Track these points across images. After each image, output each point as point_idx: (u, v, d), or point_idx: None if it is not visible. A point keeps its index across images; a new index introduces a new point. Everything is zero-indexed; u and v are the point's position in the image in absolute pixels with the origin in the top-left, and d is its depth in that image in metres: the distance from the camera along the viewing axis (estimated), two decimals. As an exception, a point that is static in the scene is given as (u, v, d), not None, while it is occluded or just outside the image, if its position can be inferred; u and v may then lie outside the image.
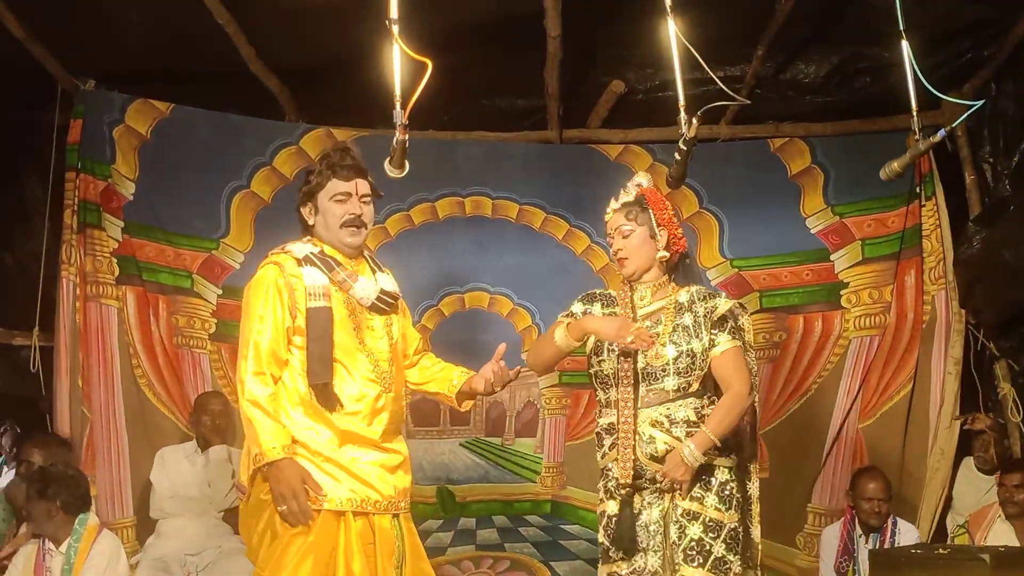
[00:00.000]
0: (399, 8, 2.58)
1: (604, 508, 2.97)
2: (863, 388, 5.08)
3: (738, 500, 2.89)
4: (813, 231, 5.27)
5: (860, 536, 4.45)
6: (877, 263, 5.19)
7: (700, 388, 2.91)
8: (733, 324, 2.93)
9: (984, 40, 4.87)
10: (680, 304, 2.94)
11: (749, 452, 3.04)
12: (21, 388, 4.99)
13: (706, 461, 2.82)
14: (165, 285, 4.95)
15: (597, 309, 3.03)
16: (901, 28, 2.82)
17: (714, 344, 2.89)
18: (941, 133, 2.80)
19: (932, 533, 4.83)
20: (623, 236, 2.99)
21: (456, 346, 5.08)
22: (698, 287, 3.01)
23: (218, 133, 5.12)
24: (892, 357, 5.08)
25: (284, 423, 2.76)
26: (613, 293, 3.09)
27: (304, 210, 2.99)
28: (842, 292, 5.21)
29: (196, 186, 5.07)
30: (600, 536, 2.98)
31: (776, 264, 5.27)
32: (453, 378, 3.07)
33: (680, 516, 2.83)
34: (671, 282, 3.03)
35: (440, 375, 3.11)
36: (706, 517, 2.82)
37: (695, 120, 2.68)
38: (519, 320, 5.28)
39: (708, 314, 2.91)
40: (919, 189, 5.18)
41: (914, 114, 2.81)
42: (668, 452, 2.83)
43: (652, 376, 2.89)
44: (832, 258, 5.23)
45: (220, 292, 4.99)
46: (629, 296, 3.01)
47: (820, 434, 5.09)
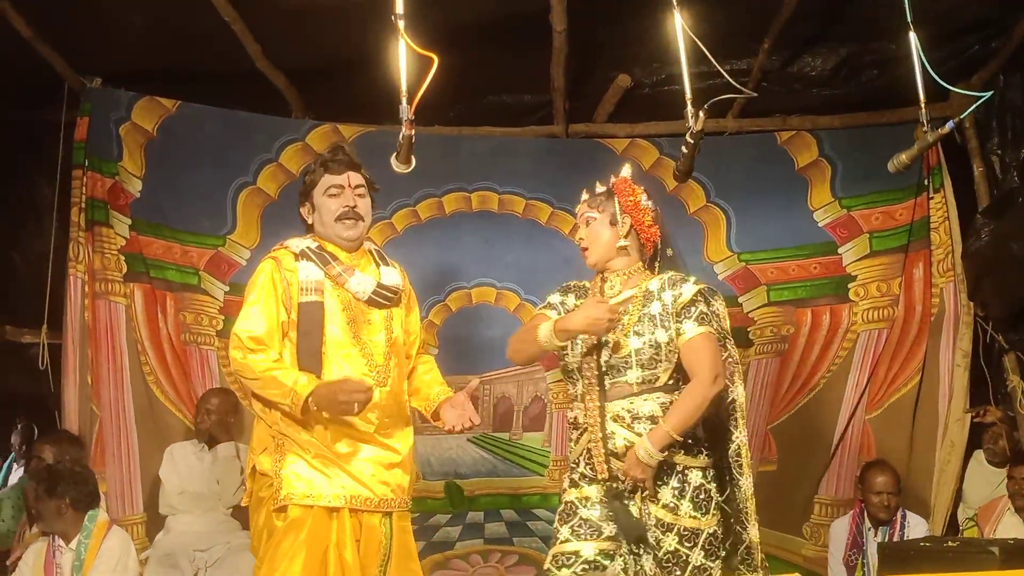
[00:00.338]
0: (405, 4, 2.58)
1: (564, 496, 2.84)
2: (871, 381, 5.07)
3: (717, 501, 2.74)
4: (821, 224, 5.26)
5: (869, 529, 4.45)
6: (885, 256, 5.18)
7: (671, 382, 2.76)
8: (702, 310, 2.76)
9: (992, 32, 4.86)
10: (649, 292, 2.79)
11: (735, 446, 2.87)
12: (31, 386, 5.02)
13: (667, 458, 2.66)
14: (172, 282, 4.96)
15: (571, 300, 2.91)
16: (909, 20, 2.81)
17: (680, 332, 2.73)
18: (949, 125, 2.80)
19: (945, 526, 4.82)
20: (586, 224, 2.90)
21: (463, 341, 5.10)
22: (672, 273, 2.83)
23: (224, 130, 5.12)
24: (900, 350, 5.08)
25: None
26: (587, 284, 2.96)
27: (303, 210, 3.01)
28: (850, 285, 5.20)
29: (203, 183, 5.08)
30: (555, 522, 2.85)
31: (784, 258, 5.26)
32: (431, 396, 3.04)
33: (655, 526, 2.69)
34: (645, 271, 2.88)
35: (421, 391, 3.08)
36: (681, 527, 2.67)
37: (702, 114, 2.67)
38: (526, 315, 5.27)
39: (675, 301, 2.75)
40: (927, 181, 5.17)
41: (922, 106, 2.81)
42: (627, 449, 2.69)
43: (616, 369, 2.74)
44: (840, 251, 5.22)
45: (227, 289, 5.00)
46: (600, 286, 2.89)
47: (828, 427, 5.08)
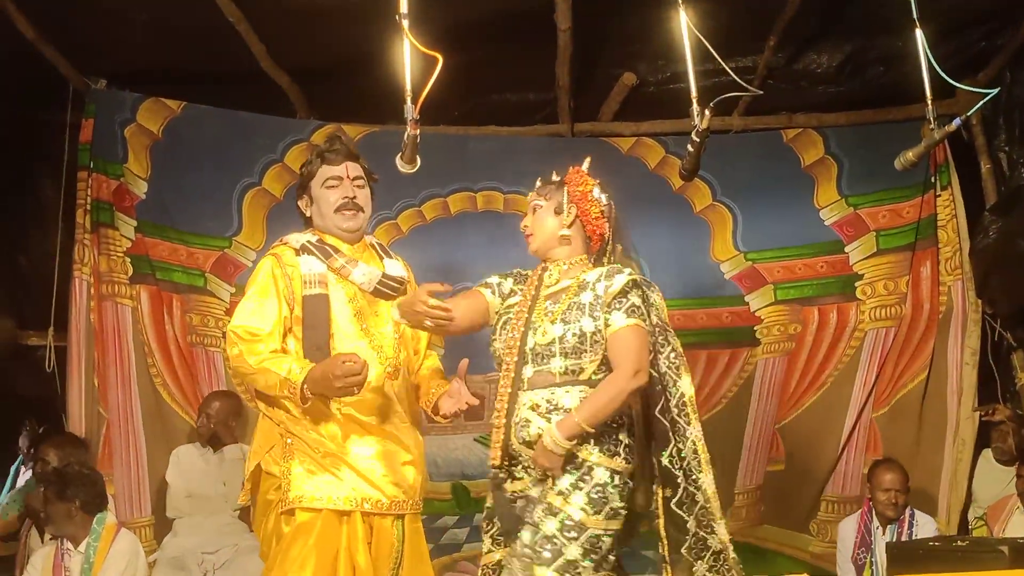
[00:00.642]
0: (409, 3, 2.57)
1: (487, 501, 2.78)
2: (878, 379, 5.06)
3: (615, 510, 2.56)
4: (827, 222, 5.24)
5: (877, 528, 4.43)
6: (892, 254, 5.16)
7: (599, 376, 2.61)
8: (634, 302, 2.62)
9: (998, 27, 4.83)
10: (585, 282, 2.68)
11: (690, 442, 2.71)
12: (38, 388, 5.02)
13: (573, 448, 2.53)
14: (179, 284, 4.96)
15: (509, 284, 2.84)
16: (915, 16, 2.80)
17: (608, 324, 2.60)
18: (956, 122, 2.78)
19: (957, 526, 4.81)
20: (532, 212, 2.81)
21: (469, 342, 5.08)
22: (612, 266, 2.72)
23: (229, 131, 5.12)
24: (908, 348, 5.06)
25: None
26: (529, 272, 2.86)
27: (301, 203, 2.95)
28: (857, 284, 5.18)
29: (208, 184, 5.08)
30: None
31: (790, 256, 5.25)
32: (431, 391, 2.97)
33: (543, 509, 2.55)
34: (588, 263, 2.77)
35: (422, 387, 3.01)
36: (565, 515, 2.52)
37: (707, 111, 2.67)
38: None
39: (606, 291, 2.63)
40: (934, 179, 5.15)
41: (929, 103, 2.80)
42: (539, 437, 2.57)
43: (540, 357, 2.63)
44: (847, 249, 5.21)
45: (233, 290, 5.00)
46: (539, 275, 2.79)
47: (836, 426, 5.07)
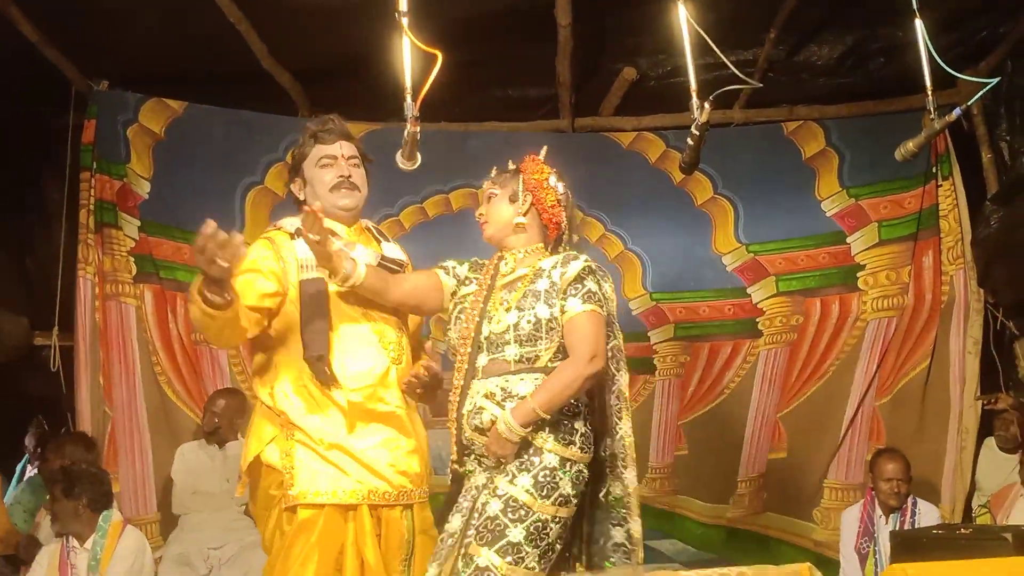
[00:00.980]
0: (408, 1, 2.58)
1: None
2: (880, 368, 5.07)
3: (565, 496, 2.49)
4: (829, 214, 5.25)
5: (880, 517, 4.44)
6: (894, 244, 5.17)
7: (555, 364, 2.56)
8: (590, 288, 2.59)
9: (999, 17, 4.83)
10: (540, 270, 2.64)
11: (619, 436, 2.66)
12: (44, 388, 5.05)
13: (528, 435, 2.48)
14: (182, 282, 4.97)
15: (464, 270, 2.80)
16: (915, 7, 2.80)
17: (564, 310, 2.56)
18: (956, 112, 2.78)
19: (962, 514, 4.82)
20: (487, 201, 2.77)
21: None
22: (568, 253, 2.68)
23: (232, 130, 5.14)
24: (910, 338, 5.08)
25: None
26: (484, 261, 2.82)
27: (294, 186, 2.87)
28: (859, 274, 5.19)
29: (211, 183, 5.10)
30: None
31: (792, 248, 5.26)
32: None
33: (488, 492, 2.50)
34: (545, 252, 2.73)
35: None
36: (510, 496, 2.45)
37: (707, 105, 2.66)
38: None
39: (562, 277, 2.59)
40: (935, 169, 5.15)
41: (929, 93, 2.79)
42: (493, 424, 2.51)
43: (494, 345, 2.58)
44: (848, 240, 5.22)
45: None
46: (495, 263, 2.75)
47: (838, 415, 5.09)
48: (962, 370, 4.97)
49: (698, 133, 2.70)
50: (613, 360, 2.67)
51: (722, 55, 2.80)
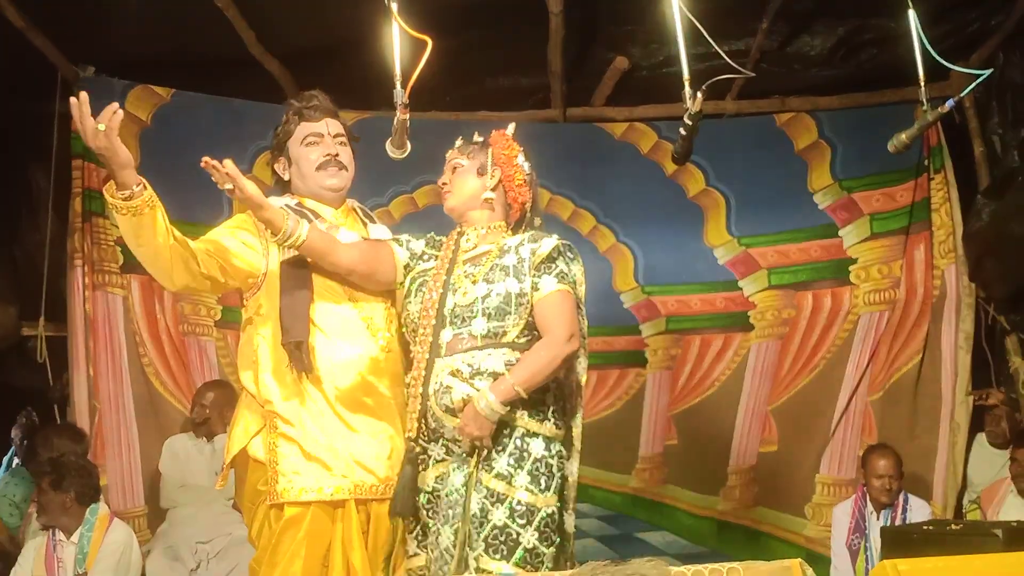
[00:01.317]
0: (398, -13, 2.55)
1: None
2: (872, 362, 5.06)
3: (559, 480, 2.46)
4: (821, 207, 5.24)
5: (872, 513, 4.44)
6: (886, 238, 5.16)
7: (522, 340, 2.48)
8: (562, 268, 2.52)
9: (992, 9, 4.82)
10: (506, 247, 2.56)
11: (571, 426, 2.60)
12: (30, 379, 5.00)
13: (508, 418, 2.40)
14: (170, 273, 4.93)
15: (420, 245, 2.71)
16: (908, -1, 2.77)
17: (536, 288, 2.48)
18: (949, 103, 2.77)
19: (953, 510, 4.82)
20: (452, 171, 2.66)
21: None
22: (534, 232, 2.61)
23: (219, 118, 5.09)
24: (901, 332, 5.07)
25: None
26: (442, 238, 2.73)
27: (278, 166, 2.78)
28: (851, 268, 5.19)
29: (198, 172, 4.98)
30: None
31: (784, 241, 5.25)
32: None
33: (484, 497, 2.39)
34: (507, 231, 2.65)
35: None
36: (514, 499, 2.37)
37: (699, 94, 2.63)
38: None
39: (533, 254, 2.51)
40: (927, 162, 5.14)
41: (922, 85, 2.78)
42: (465, 404, 2.41)
43: (459, 319, 2.49)
44: (840, 234, 5.21)
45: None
46: (455, 239, 2.66)
47: (829, 408, 5.09)
48: (954, 365, 4.96)
49: (691, 123, 2.67)
50: None
51: (714, 44, 2.77)
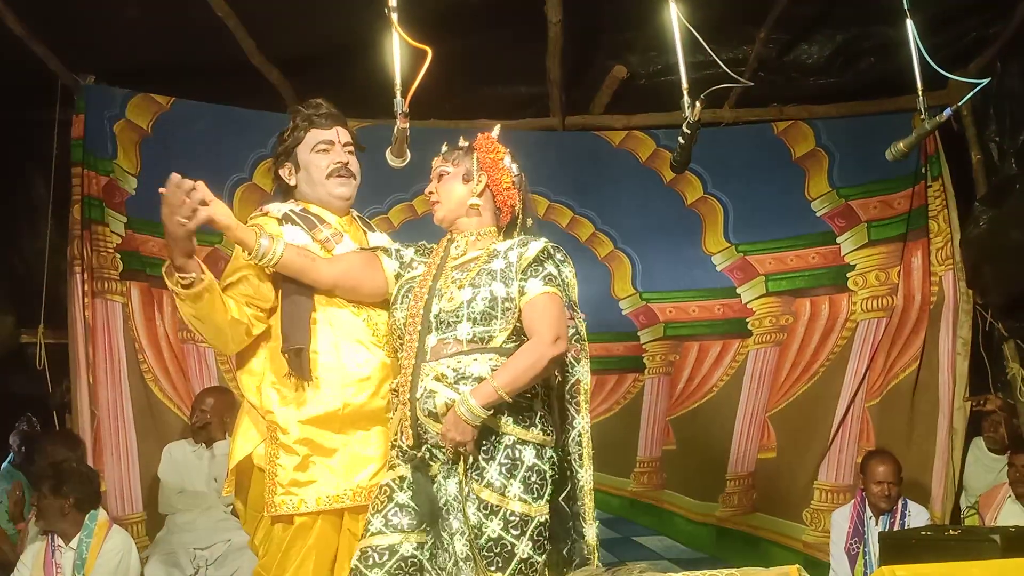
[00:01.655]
0: (398, -3, 2.56)
1: (380, 478, 2.54)
2: (870, 369, 5.07)
3: (552, 486, 2.41)
4: (819, 214, 5.26)
5: (870, 518, 4.45)
6: (884, 245, 5.18)
7: (510, 345, 2.43)
8: (550, 271, 2.47)
9: (990, 17, 4.84)
10: (495, 251, 2.52)
11: (575, 432, 2.54)
12: (29, 386, 5.01)
13: (493, 425, 2.36)
14: (169, 279, 4.94)
15: (410, 253, 2.67)
16: (906, 7, 2.79)
17: (523, 292, 2.43)
18: (947, 112, 2.79)
19: (951, 515, 4.83)
20: (438, 179, 2.62)
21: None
22: (524, 236, 2.56)
23: (219, 126, 5.10)
24: (899, 338, 5.08)
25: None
26: (432, 246, 2.70)
27: (283, 171, 2.75)
28: (849, 275, 5.20)
29: (198, 179, 5.03)
30: (369, 511, 2.51)
31: (782, 248, 5.27)
32: None
33: (478, 508, 2.36)
34: (498, 236, 2.61)
35: None
36: (507, 511, 2.33)
37: (698, 103, 2.65)
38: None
39: (520, 258, 2.47)
40: (925, 170, 5.17)
41: (919, 94, 2.79)
42: (448, 408, 2.37)
43: (445, 324, 2.45)
44: (838, 241, 5.23)
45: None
46: (445, 246, 2.63)
47: (827, 415, 5.09)
48: (951, 371, 4.97)
49: (689, 132, 2.68)
50: (574, 352, 2.55)
51: (712, 53, 2.79)
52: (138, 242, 4.90)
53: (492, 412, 2.36)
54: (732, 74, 2.76)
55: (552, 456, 2.44)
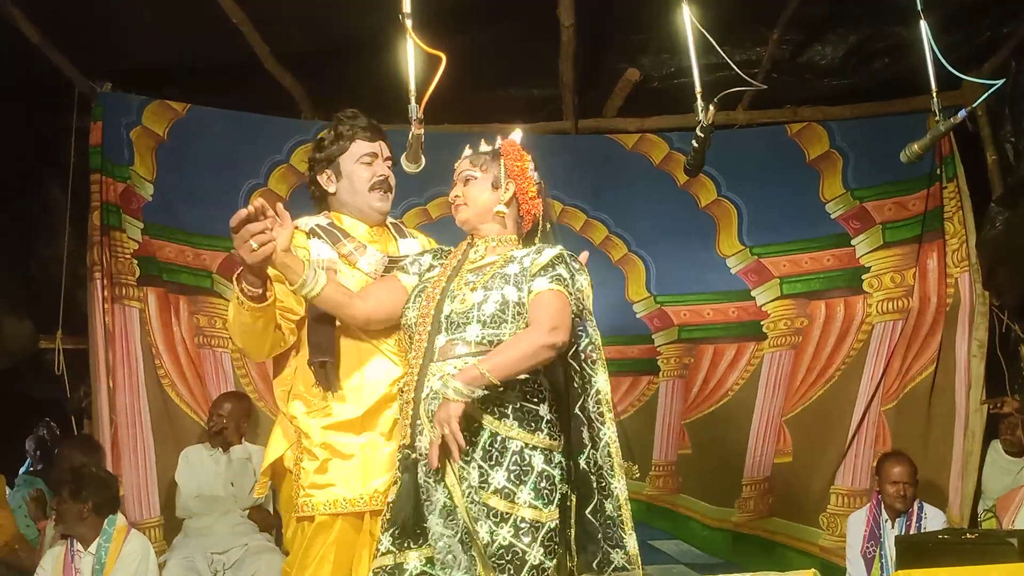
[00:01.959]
0: (412, 2, 2.57)
1: (388, 495, 2.52)
2: (886, 372, 5.05)
3: (560, 492, 2.40)
4: (833, 216, 5.24)
5: (886, 521, 4.43)
6: (899, 247, 5.15)
7: None
8: (560, 273, 2.46)
9: (1005, 17, 4.81)
10: (512, 257, 2.53)
11: (603, 443, 2.47)
12: (48, 392, 5.04)
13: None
14: (186, 285, 4.97)
15: (427, 259, 2.68)
16: (919, 8, 2.78)
17: (531, 291, 2.44)
18: (961, 114, 2.77)
19: (969, 519, 4.80)
20: (464, 183, 2.61)
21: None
22: (540, 245, 2.57)
23: (234, 132, 5.14)
24: (915, 341, 5.05)
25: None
26: (451, 249, 2.71)
27: (322, 177, 2.79)
28: (864, 277, 5.17)
29: (214, 185, 5.09)
30: (379, 527, 2.51)
31: (796, 250, 5.25)
32: None
33: (486, 515, 2.33)
34: (518, 243, 2.62)
35: None
36: (518, 517, 2.31)
37: (711, 107, 2.65)
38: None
39: (533, 263, 2.48)
40: (940, 171, 5.14)
41: (934, 95, 2.78)
42: None
43: (455, 325, 2.45)
44: (853, 243, 5.20)
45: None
46: (464, 249, 2.63)
47: (844, 419, 5.07)
48: (968, 374, 4.94)
49: (703, 135, 2.68)
50: (589, 360, 2.50)
51: (726, 57, 2.79)
52: (155, 248, 4.94)
53: (497, 416, 2.36)
54: (745, 76, 2.76)
55: (561, 461, 2.43)
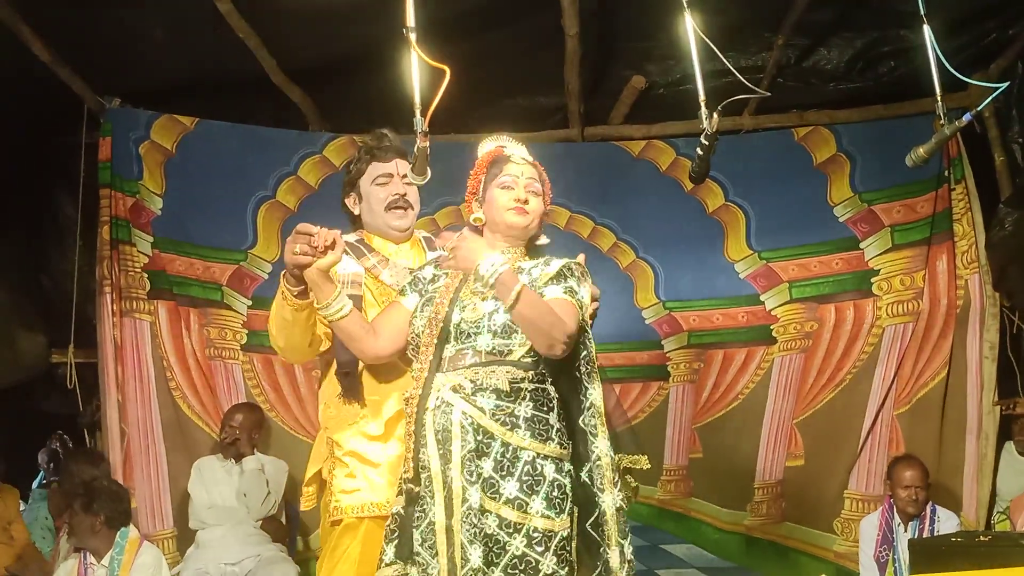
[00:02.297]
0: (417, 15, 2.58)
1: (394, 506, 2.48)
2: (898, 375, 5.03)
3: (572, 501, 2.36)
4: (841, 219, 5.23)
5: (899, 525, 4.41)
6: (908, 249, 5.14)
7: (528, 359, 2.38)
8: (572, 285, 2.45)
9: (1010, 17, 4.80)
10: (520, 268, 2.51)
11: (595, 456, 2.41)
12: (60, 406, 5.07)
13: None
14: (196, 298, 5.00)
15: (429, 270, 2.65)
16: (923, 12, 2.78)
17: (544, 298, 2.41)
18: (967, 117, 2.75)
19: (984, 521, 4.78)
20: (533, 193, 2.57)
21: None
22: (548, 257, 2.57)
23: (242, 145, 5.16)
24: (926, 343, 5.03)
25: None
26: None
27: (348, 201, 2.90)
28: (873, 280, 5.16)
29: (222, 198, 5.12)
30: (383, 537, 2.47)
31: (805, 254, 5.24)
32: None
33: (499, 526, 2.29)
34: (525, 255, 2.60)
35: None
36: (531, 527, 2.28)
37: (716, 115, 2.64)
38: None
39: (542, 274, 2.48)
40: (948, 172, 5.12)
41: (939, 99, 2.76)
42: (462, 427, 2.34)
43: (464, 334, 2.42)
44: (862, 246, 5.19)
45: (250, 303, 5.03)
46: None
47: (856, 422, 5.05)
48: (979, 375, 4.92)
49: (707, 143, 2.68)
50: (585, 373, 2.45)
51: (730, 65, 2.78)
52: (164, 261, 4.96)
53: (508, 427, 2.34)
54: (750, 86, 2.75)
55: (570, 469, 2.41)
